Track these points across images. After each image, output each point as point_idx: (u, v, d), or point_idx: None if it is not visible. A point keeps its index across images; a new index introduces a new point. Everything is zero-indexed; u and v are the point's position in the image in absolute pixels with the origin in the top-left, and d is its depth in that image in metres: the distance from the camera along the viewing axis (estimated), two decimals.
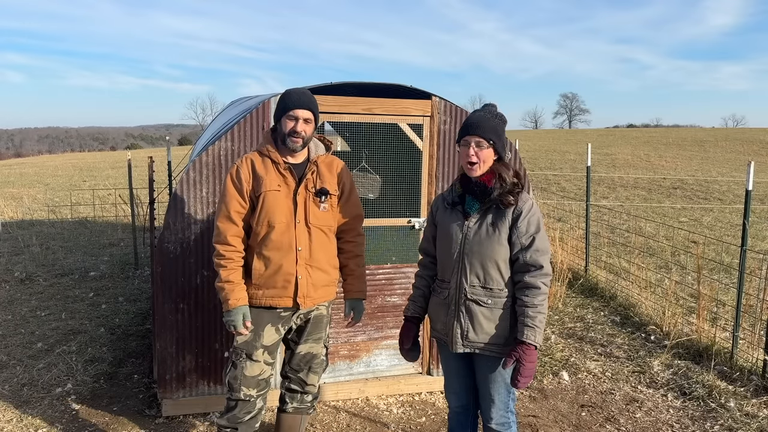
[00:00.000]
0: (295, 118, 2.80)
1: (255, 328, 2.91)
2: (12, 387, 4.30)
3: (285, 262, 2.85)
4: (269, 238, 2.83)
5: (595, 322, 5.95)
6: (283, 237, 2.83)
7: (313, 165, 2.92)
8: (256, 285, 2.88)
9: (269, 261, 2.85)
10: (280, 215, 2.83)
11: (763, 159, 24.15)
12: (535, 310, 2.50)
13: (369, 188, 4.97)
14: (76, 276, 7.25)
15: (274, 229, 2.82)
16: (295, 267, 2.87)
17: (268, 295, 2.89)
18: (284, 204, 2.84)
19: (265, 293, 2.88)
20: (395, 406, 4.16)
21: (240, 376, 2.92)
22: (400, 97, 4.05)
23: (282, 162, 2.86)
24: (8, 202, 13.05)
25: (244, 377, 2.92)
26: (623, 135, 39.41)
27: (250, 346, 2.92)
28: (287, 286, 2.87)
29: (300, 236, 2.86)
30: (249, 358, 2.92)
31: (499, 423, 2.73)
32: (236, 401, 2.95)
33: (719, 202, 14.17)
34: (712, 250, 8.99)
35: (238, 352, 2.92)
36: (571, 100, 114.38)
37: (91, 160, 28.79)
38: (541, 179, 17.23)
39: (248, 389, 2.94)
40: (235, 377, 2.93)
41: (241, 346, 2.91)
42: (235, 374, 2.93)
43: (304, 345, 3.08)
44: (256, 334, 2.92)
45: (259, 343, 2.92)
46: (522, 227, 2.55)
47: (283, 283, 2.87)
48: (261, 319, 2.91)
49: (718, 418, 4.07)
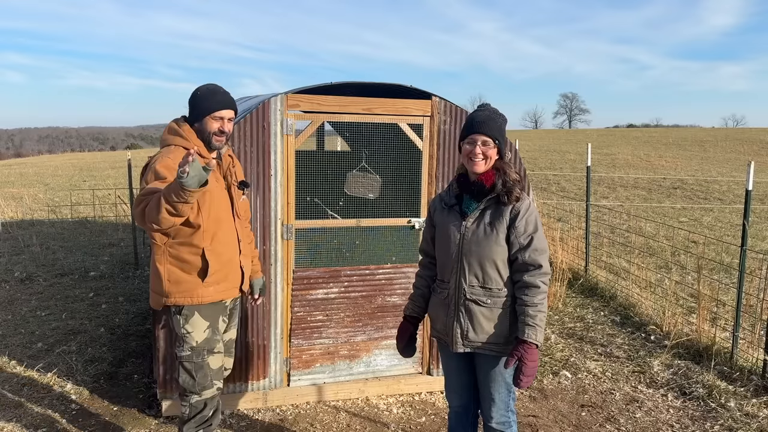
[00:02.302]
0: (221, 118, 2.85)
1: (212, 322, 2.95)
2: (12, 387, 4.30)
3: (234, 254, 2.97)
4: (219, 233, 2.87)
5: (595, 322, 5.95)
6: (229, 231, 2.93)
7: (228, 158, 2.99)
8: (207, 283, 2.87)
9: (221, 255, 2.89)
10: (223, 210, 2.90)
11: (763, 159, 24.15)
12: (536, 309, 2.51)
13: (369, 188, 4.97)
14: (76, 276, 7.25)
15: (222, 224, 2.88)
16: (239, 258, 3.01)
17: (221, 290, 2.93)
18: (224, 198, 2.91)
19: (216, 288, 2.91)
20: (395, 406, 4.16)
21: (209, 373, 2.95)
22: (400, 97, 4.05)
23: (209, 156, 2.86)
24: (8, 202, 13.05)
25: (213, 372, 2.97)
26: (623, 135, 39.40)
27: (212, 342, 2.96)
28: (236, 278, 3.01)
29: (238, 228, 3.00)
30: (211, 352, 2.96)
31: (499, 422, 2.73)
32: (203, 401, 2.97)
33: (719, 202, 14.17)
34: (712, 250, 8.99)
35: (199, 352, 2.93)
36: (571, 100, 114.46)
37: (91, 160, 28.79)
38: (541, 179, 17.22)
39: (219, 381, 3.01)
40: (205, 375, 2.95)
41: (202, 344, 2.93)
42: (204, 372, 2.94)
43: (228, 333, 3.17)
44: (214, 329, 2.96)
45: (218, 336, 3.00)
46: (520, 227, 2.55)
47: (234, 275, 2.98)
48: (215, 313, 2.96)
49: (718, 418, 4.07)
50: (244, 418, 3.92)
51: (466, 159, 2.60)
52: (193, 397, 2.96)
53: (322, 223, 4.16)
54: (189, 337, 2.91)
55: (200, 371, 2.94)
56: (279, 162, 3.83)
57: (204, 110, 2.83)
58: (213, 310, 2.95)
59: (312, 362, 4.14)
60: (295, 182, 3.91)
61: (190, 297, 2.86)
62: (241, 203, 3.05)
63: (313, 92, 3.89)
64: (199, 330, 2.91)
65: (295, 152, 3.89)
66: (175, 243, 2.82)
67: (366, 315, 4.18)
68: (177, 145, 2.83)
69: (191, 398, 2.96)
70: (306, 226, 4.04)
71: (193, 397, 2.96)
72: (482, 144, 2.56)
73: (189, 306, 2.88)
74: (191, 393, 2.96)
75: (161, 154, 2.81)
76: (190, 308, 2.88)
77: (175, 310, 2.91)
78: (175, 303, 2.87)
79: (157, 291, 2.90)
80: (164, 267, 2.85)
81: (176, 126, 2.88)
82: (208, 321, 2.93)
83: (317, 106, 3.88)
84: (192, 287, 2.85)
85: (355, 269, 4.13)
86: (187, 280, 2.85)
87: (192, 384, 2.94)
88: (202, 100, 2.84)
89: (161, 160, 2.73)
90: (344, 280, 4.11)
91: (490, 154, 2.57)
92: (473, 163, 2.57)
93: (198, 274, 2.85)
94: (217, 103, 2.83)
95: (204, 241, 2.82)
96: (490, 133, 2.55)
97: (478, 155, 2.56)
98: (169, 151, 2.80)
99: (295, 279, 4.01)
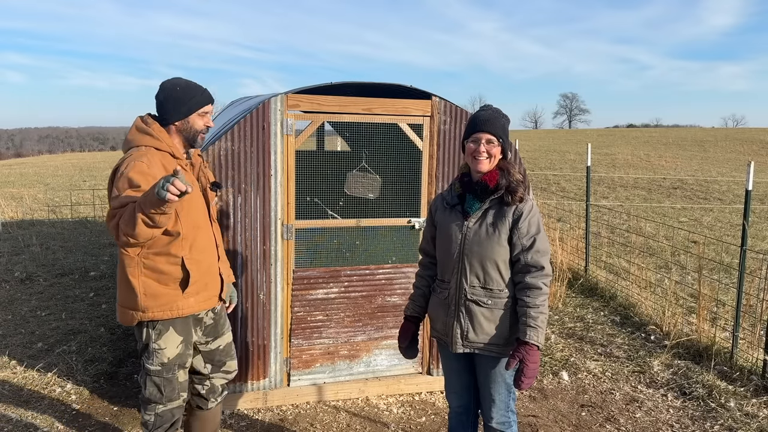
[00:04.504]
0: (206, 113, 2.74)
1: (185, 337, 2.77)
2: (12, 387, 4.30)
3: (213, 261, 2.81)
4: (197, 240, 2.70)
5: (595, 322, 5.95)
6: (206, 237, 2.76)
7: (198, 158, 2.84)
8: (187, 294, 2.68)
9: (201, 263, 2.72)
10: (201, 215, 2.74)
11: (763, 159, 24.15)
12: (537, 310, 2.50)
13: (369, 188, 4.97)
14: (76, 276, 7.24)
15: (200, 230, 2.72)
16: (218, 264, 2.85)
17: (200, 300, 2.75)
18: (200, 202, 2.76)
19: (197, 299, 2.73)
20: (395, 406, 4.16)
21: (177, 386, 2.80)
22: (400, 97, 4.06)
23: (183, 158, 2.72)
24: (8, 202, 13.05)
25: (180, 384, 2.82)
26: (623, 135, 39.40)
27: (184, 357, 2.79)
28: (215, 285, 2.84)
29: (216, 233, 2.86)
30: (182, 367, 2.80)
31: (499, 422, 2.73)
32: (170, 411, 2.81)
33: (719, 202, 14.17)
34: (712, 250, 8.99)
35: (170, 368, 2.75)
36: (571, 100, 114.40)
37: (91, 160, 28.79)
38: (541, 179, 17.22)
39: (184, 393, 2.87)
40: (173, 389, 2.79)
41: (174, 360, 2.75)
42: (172, 387, 2.78)
43: (221, 338, 3.00)
44: (187, 343, 2.79)
45: (191, 350, 2.84)
46: (523, 228, 2.55)
47: (213, 282, 2.82)
48: (189, 326, 2.79)
49: (718, 418, 4.07)
50: (244, 418, 3.92)
51: (470, 158, 2.60)
52: (158, 407, 2.80)
53: (322, 223, 4.16)
54: (161, 354, 2.71)
55: (168, 386, 2.77)
56: (279, 162, 3.83)
57: (191, 107, 2.67)
58: (188, 324, 2.77)
59: (312, 362, 4.14)
60: (295, 182, 3.91)
61: (170, 310, 2.66)
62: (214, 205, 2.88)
63: (313, 92, 3.89)
64: (172, 345, 2.73)
65: (295, 152, 3.90)
66: (150, 253, 2.59)
67: (366, 315, 4.19)
68: (147, 146, 2.61)
69: (157, 407, 2.80)
70: (306, 226, 4.04)
71: (159, 407, 2.80)
72: (486, 142, 2.56)
73: (164, 321, 2.68)
74: (156, 403, 2.79)
75: (132, 158, 2.55)
76: (165, 323, 2.69)
77: (149, 324, 2.70)
78: (153, 318, 2.65)
79: (129, 306, 2.65)
80: (138, 280, 2.60)
81: (144, 125, 2.65)
82: (182, 336, 2.75)
83: (317, 106, 3.88)
84: (171, 300, 2.65)
85: (355, 269, 4.13)
86: (166, 292, 2.64)
87: (159, 397, 2.78)
88: (186, 96, 2.66)
89: (134, 166, 2.49)
90: (344, 280, 4.11)
91: (494, 152, 2.58)
92: (477, 161, 2.57)
93: (178, 285, 2.65)
94: (205, 99, 2.71)
95: (182, 250, 2.62)
96: (494, 132, 2.56)
97: (482, 153, 2.56)
98: (141, 155, 2.55)
99: (295, 279, 4.01)
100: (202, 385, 3.03)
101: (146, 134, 2.63)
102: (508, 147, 2.64)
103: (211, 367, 3.01)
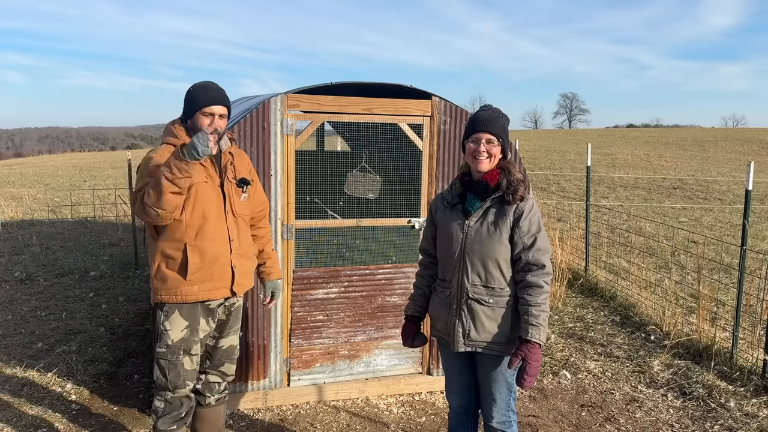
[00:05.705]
0: (211, 114, 2.84)
1: (191, 323, 2.90)
2: (12, 387, 4.30)
3: (221, 252, 2.88)
4: (205, 229, 2.82)
5: (595, 322, 5.95)
6: (217, 228, 2.86)
7: (228, 155, 2.97)
8: (190, 281, 2.83)
9: (205, 253, 2.83)
10: (212, 206, 2.85)
11: (763, 159, 24.15)
12: (539, 308, 2.51)
13: (369, 188, 4.96)
14: (76, 276, 7.25)
15: (209, 220, 2.83)
16: (230, 257, 2.92)
17: (205, 289, 2.87)
18: (213, 195, 2.87)
19: (201, 287, 2.86)
20: (395, 406, 4.16)
21: (183, 372, 2.92)
22: (400, 97, 4.06)
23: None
24: (8, 202, 13.05)
25: (186, 372, 2.94)
26: (623, 135, 39.40)
27: (189, 342, 2.91)
28: (224, 277, 2.91)
29: (231, 226, 2.93)
30: (187, 353, 2.92)
31: (500, 422, 2.73)
32: (179, 399, 2.95)
33: (719, 202, 14.17)
34: (712, 250, 8.99)
35: (174, 350, 2.89)
36: (571, 100, 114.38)
37: (91, 160, 28.79)
38: (541, 179, 17.22)
39: (191, 382, 2.98)
40: (178, 375, 2.91)
41: (178, 344, 2.89)
42: (177, 372, 2.91)
43: (227, 339, 3.12)
44: (193, 329, 2.91)
45: (196, 338, 2.94)
46: (524, 227, 2.56)
47: (220, 274, 2.90)
48: (196, 313, 2.91)
49: (718, 418, 4.07)
50: (244, 418, 3.92)
51: (470, 157, 2.61)
52: (167, 394, 2.94)
53: (322, 223, 4.16)
54: (166, 335, 2.88)
55: (173, 370, 2.90)
56: (279, 162, 3.83)
57: (195, 106, 2.84)
58: (195, 311, 2.90)
59: (312, 362, 4.14)
60: (295, 182, 3.91)
61: (174, 295, 2.83)
62: (242, 201, 3.00)
63: (313, 92, 3.89)
64: (177, 329, 2.88)
65: (295, 152, 3.90)
66: (161, 239, 2.83)
67: (366, 315, 4.18)
68: (168, 144, 2.89)
69: (166, 394, 2.94)
70: (306, 226, 4.04)
71: (168, 394, 2.94)
72: (486, 142, 2.57)
73: (171, 304, 2.86)
74: (165, 390, 2.93)
75: (149, 152, 2.90)
76: (172, 306, 2.86)
77: (159, 305, 2.90)
78: (161, 300, 2.86)
79: (151, 287, 2.92)
80: (155, 263, 2.86)
81: (170, 126, 2.95)
82: (188, 321, 2.89)
83: (317, 106, 3.88)
84: (176, 284, 2.83)
85: (355, 269, 4.13)
86: (172, 277, 2.83)
87: (164, 382, 2.92)
88: (194, 96, 2.86)
89: (153, 158, 2.82)
90: (344, 280, 4.11)
91: (494, 152, 2.59)
92: (477, 161, 2.58)
93: (179, 272, 2.82)
94: (208, 99, 2.83)
95: (186, 236, 2.79)
96: (494, 132, 2.57)
97: (483, 153, 2.57)
98: (157, 149, 2.89)
99: (295, 279, 4.01)
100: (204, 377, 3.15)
101: (170, 134, 2.91)
102: (508, 147, 2.65)
103: (209, 363, 3.12)
